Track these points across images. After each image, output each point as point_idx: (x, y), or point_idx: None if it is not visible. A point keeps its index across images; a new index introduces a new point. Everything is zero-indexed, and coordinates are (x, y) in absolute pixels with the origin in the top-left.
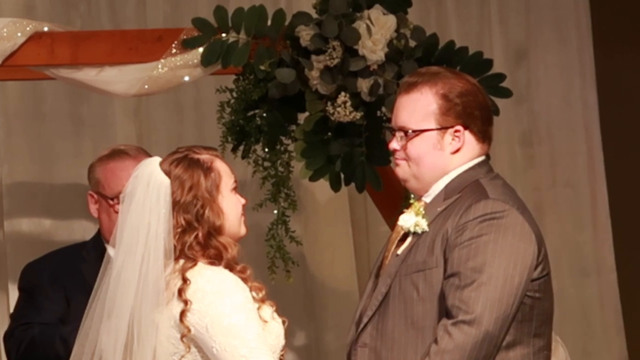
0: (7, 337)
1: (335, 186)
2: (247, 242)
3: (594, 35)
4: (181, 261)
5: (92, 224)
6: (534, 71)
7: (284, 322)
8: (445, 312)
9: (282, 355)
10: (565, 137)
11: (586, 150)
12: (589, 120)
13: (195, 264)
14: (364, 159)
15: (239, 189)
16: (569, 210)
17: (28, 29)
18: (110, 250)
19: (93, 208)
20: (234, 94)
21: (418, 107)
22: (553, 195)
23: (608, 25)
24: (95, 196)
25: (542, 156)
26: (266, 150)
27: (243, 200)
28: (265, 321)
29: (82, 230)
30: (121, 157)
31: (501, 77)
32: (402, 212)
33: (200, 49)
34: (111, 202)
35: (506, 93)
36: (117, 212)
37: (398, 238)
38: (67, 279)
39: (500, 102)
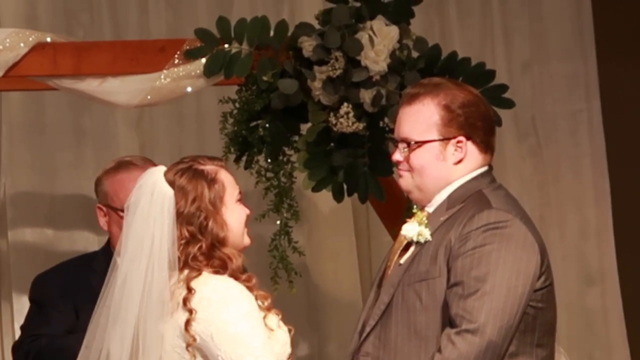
0: (16, 348)
1: (338, 197)
2: (250, 253)
3: (597, 45)
4: (186, 271)
5: (94, 234)
6: (537, 81)
7: (290, 331)
8: (448, 321)
9: None
10: (570, 147)
11: (590, 160)
12: (593, 131)
13: (200, 274)
14: (366, 170)
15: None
16: (573, 219)
17: (31, 39)
18: (118, 260)
19: (102, 221)
20: (237, 105)
21: (420, 118)
22: (558, 204)
23: (611, 35)
24: (105, 209)
25: (546, 166)
26: (269, 160)
27: (247, 211)
28: (272, 329)
29: (84, 240)
30: (128, 168)
31: (504, 88)
32: (404, 222)
33: (203, 60)
34: (121, 213)
35: (509, 104)
36: None
37: (401, 247)
38: (76, 291)
39: (504, 113)
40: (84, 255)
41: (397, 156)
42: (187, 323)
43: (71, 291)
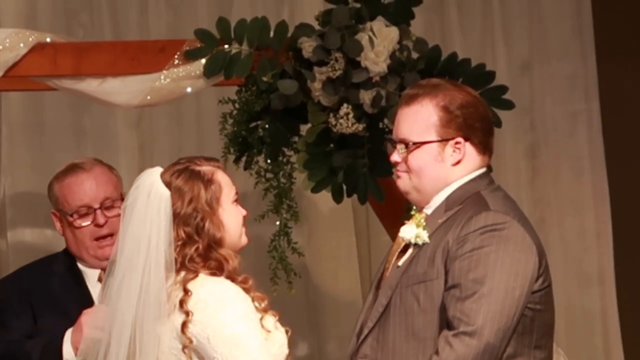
0: None
1: (338, 197)
2: (249, 254)
3: (596, 45)
4: (182, 273)
5: None
6: (537, 82)
7: (287, 331)
8: (446, 323)
9: None
10: (569, 148)
11: (590, 161)
12: (593, 132)
13: (196, 275)
14: (366, 171)
15: (240, 200)
16: (573, 220)
17: (31, 39)
18: (81, 266)
19: (58, 226)
20: (237, 105)
21: (419, 119)
22: (557, 205)
23: (611, 35)
24: (58, 214)
25: (546, 167)
26: (268, 161)
27: (244, 212)
28: (269, 331)
29: None
30: (75, 172)
31: (503, 89)
32: (403, 224)
33: (203, 60)
34: (70, 218)
35: (509, 105)
36: (77, 228)
37: (399, 249)
38: (34, 295)
39: (504, 114)
40: (46, 258)
41: (395, 157)
42: (184, 325)
43: (29, 295)
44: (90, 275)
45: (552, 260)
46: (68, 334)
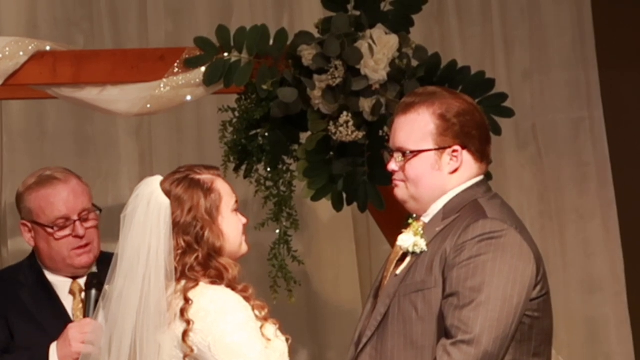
0: None
1: (338, 206)
2: (249, 262)
3: (598, 52)
4: (183, 282)
5: None
6: (538, 90)
7: (287, 340)
8: (444, 332)
9: None
10: (572, 155)
11: (594, 168)
12: (596, 139)
13: (197, 284)
14: (366, 179)
15: (240, 208)
16: (575, 228)
17: (30, 48)
18: (49, 276)
19: (28, 237)
20: (236, 114)
21: (416, 127)
22: (562, 213)
23: (612, 42)
24: (30, 225)
25: (548, 175)
26: (268, 169)
27: (244, 220)
28: (269, 339)
29: None
30: (52, 182)
31: (503, 96)
32: (402, 232)
33: (203, 68)
34: (50, 230)
35: (508, 113)
36: (57, 240)
37: (397, 258)
38: (7, 307)
39: (504, 121)
40: (7, 269)
41: (393, 166)
42: (185, 334)
43: (3, 308)
44: (61, 287)
45: (554, 268)
46: (54, 348)
